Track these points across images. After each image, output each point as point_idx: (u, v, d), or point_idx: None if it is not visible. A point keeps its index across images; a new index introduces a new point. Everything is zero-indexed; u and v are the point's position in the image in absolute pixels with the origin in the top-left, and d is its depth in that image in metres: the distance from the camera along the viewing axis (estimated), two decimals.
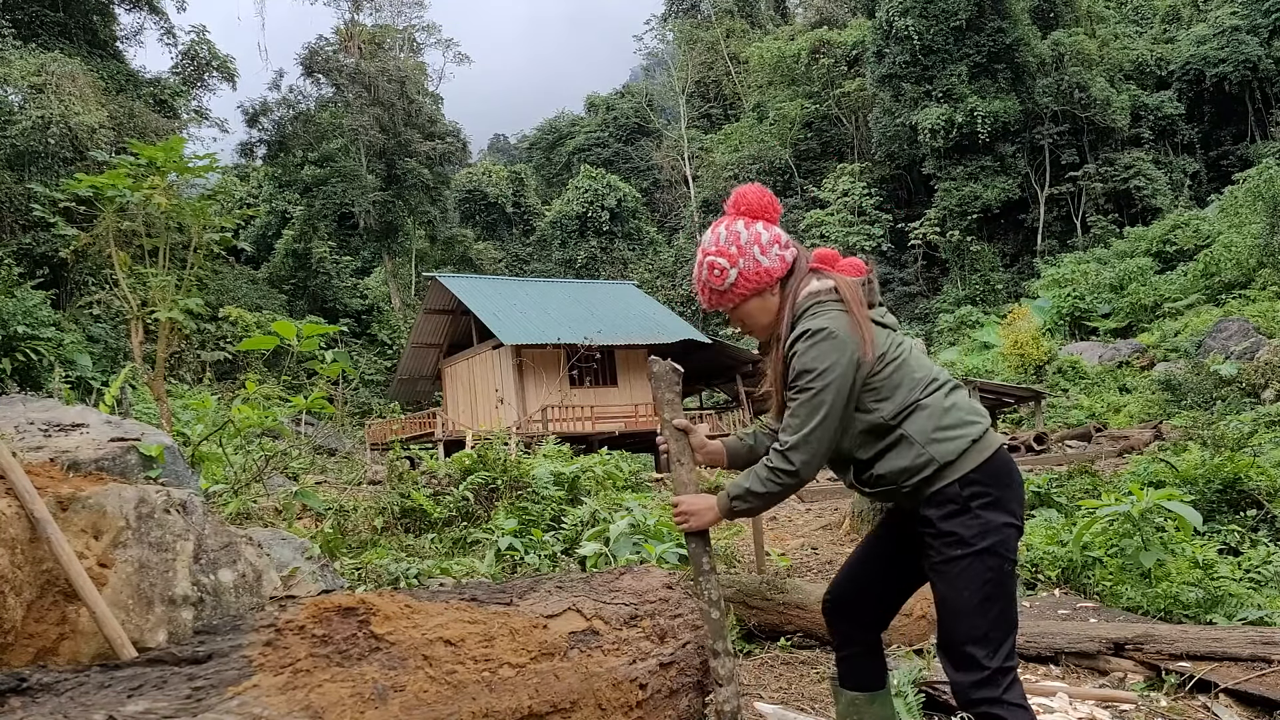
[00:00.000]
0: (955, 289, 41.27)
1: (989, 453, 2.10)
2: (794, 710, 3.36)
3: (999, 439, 2.16)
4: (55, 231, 6.70)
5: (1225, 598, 5.08)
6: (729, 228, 2.26)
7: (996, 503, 2.07)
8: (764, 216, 2.26)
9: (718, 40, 58.83)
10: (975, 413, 2.15)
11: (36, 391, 15.13)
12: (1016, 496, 2.10)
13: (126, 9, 33.37)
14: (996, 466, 2.09)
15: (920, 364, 2.18)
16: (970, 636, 2.05)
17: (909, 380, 2.14)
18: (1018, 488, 2.11)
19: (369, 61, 43.38)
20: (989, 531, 2.05)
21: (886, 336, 2.19)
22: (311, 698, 1.83)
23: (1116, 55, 42.99)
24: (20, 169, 23.29)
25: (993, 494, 2.07)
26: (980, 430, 2.12)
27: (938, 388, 2.15)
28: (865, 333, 2.12)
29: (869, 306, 2.22)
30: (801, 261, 2.26)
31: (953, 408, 2.13)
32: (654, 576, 2.81)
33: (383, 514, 7.08)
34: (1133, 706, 3.48)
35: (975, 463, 2.08)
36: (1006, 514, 2.07)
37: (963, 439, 2.09)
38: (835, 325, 2.11)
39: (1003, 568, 2.05)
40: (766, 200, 2.27)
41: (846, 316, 2.13)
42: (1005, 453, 2.14)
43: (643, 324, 27.91)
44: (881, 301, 2.30)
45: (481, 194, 53.31)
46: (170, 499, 2.48)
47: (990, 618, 2.05)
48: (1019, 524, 2.09)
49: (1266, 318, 24.85)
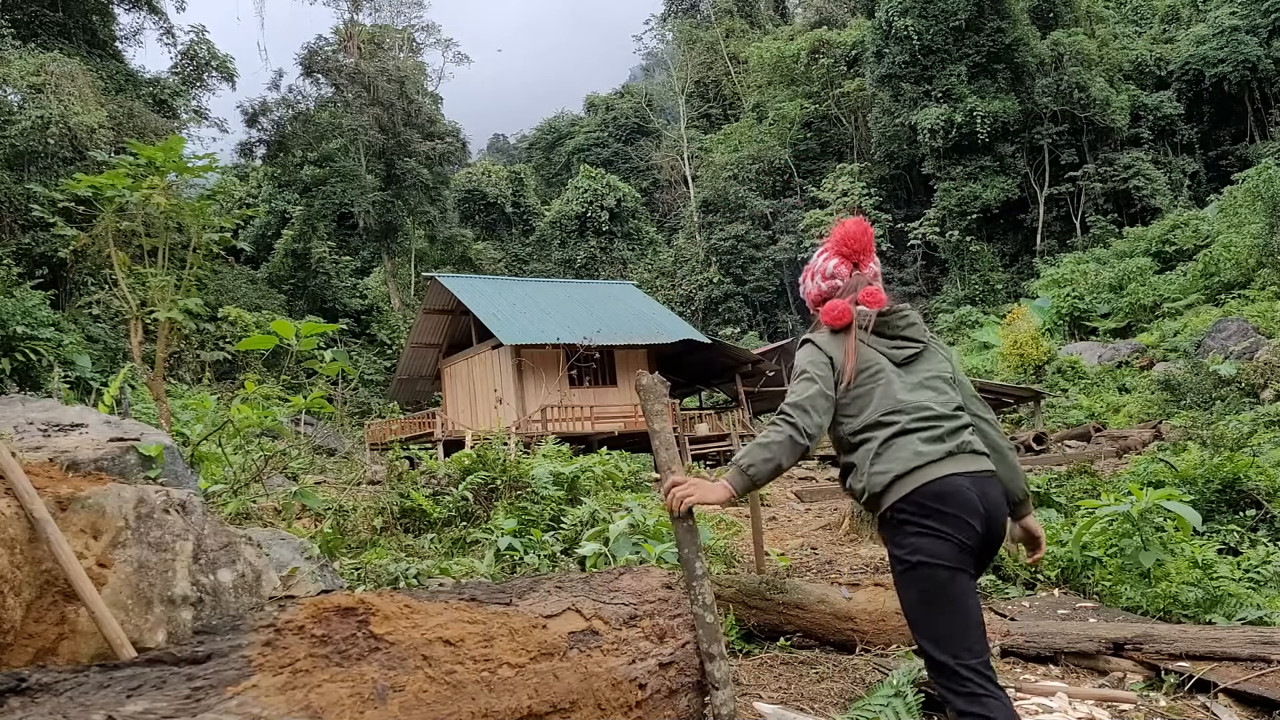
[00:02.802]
0: (955, 289, 41.28)
1: (916, 484, 2.34)
2: (793, 710, 3.36)
3: (936, 472, 2.35)
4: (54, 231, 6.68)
5: (1224, 598, 5.09)
6: (816, 254, 2.75)
7: (923, 526, 2.31)
8: (839, 252, 2.65)
9: (717, 40, 58.86)
10: (908, 460, 2.37)
11: (36, 391, 15.12)
12: (950, 518, 2.31)
13: (126, 9, 33.36)
14: (925, 495, 2.33)
15: (884, 403, 2.44)
16: (925, 635, 2.35)
17: (868, 412, 2.45)
18: (952, 510, 2.32)
19: (368, 61, 43.37)
20: (919, 550, 2.31)
21: (874, 368, 2.49)
22: (311, 698, 1.83)
23: (1116, 55, 42.99)
24: (20, 169, 23.28)
25: (917, 520, 2.32)
26: (904, 469, 2.36)
27: (886, 433, 2.41)
28: (848, 351, 2.49)
29: (882, 334, 2.54)
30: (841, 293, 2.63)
31: (886, 451, 2.40)
32: (653, 576, 2.81)
33: (382, 514, 7.08)
34: (1132, 706, 3.48)
35: (901, 494, 2.35)
36: (935, 535, 2.30)
37: (888, 475, 2.37)
38: (819, 339, 2.55)
39: (936, 578, 2.29)
40: (840, 235, 2.66)
41: (833, 337, 2.53)
42: (940, 482, 2.34)
43: (642, 324, 27.91)
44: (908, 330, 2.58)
45: (481, 194, 53.31)
46: (169, 499, 2.48)
47: (936, 620, 2.31)
48: (956, 539, 2.30)
49: (1266, 318, 24.85)
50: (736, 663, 3.95)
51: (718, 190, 49.55)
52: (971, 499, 2.33)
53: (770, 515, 10.01)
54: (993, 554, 2.46)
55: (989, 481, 2.43)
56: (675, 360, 26.42)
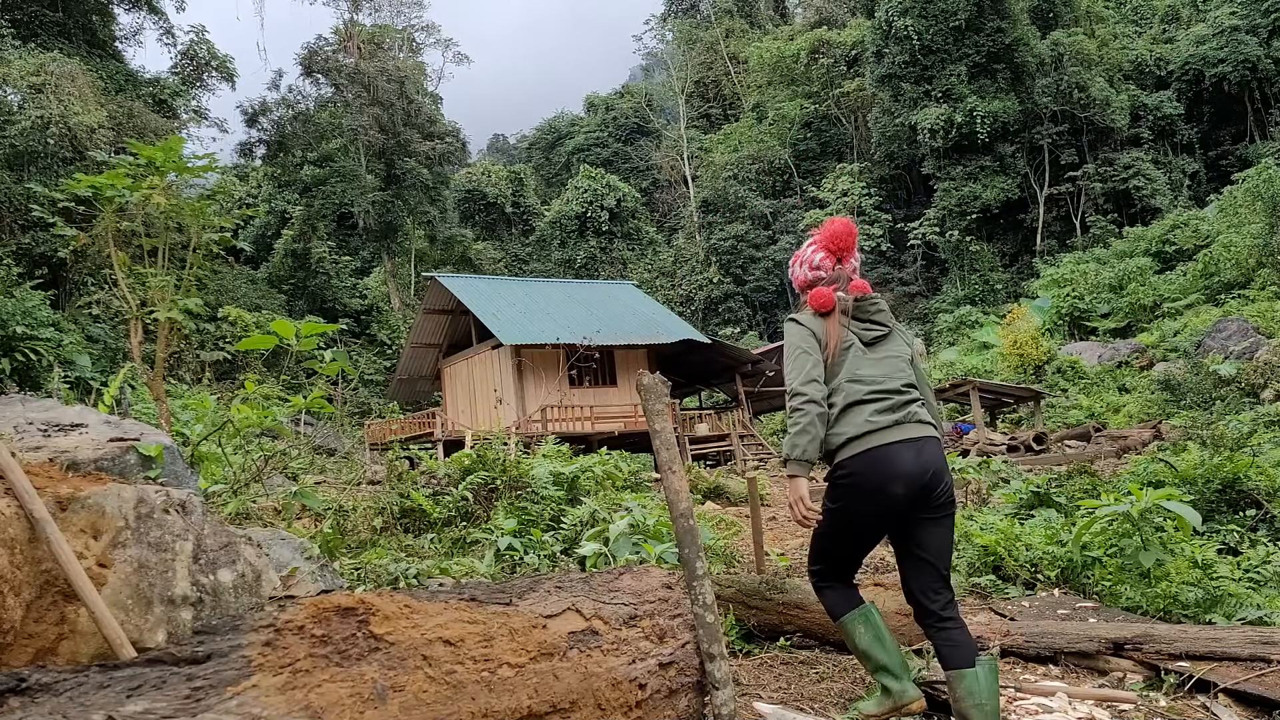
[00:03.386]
0: (955, 289, 41.26)
1: (863, 448, 2.84)
2: (793, 710, 3.36)
3: (880, 439, 2.85)
4: (54, 231, 6.67)
5: (1224, 597, 5.09)
6: (805, 244, 3.20)
7: (852, 484, 2.86)
8: (826, 247, 3.11)
9: (717, 40, 58.86)
10: (864, 423, 2.87)
11: (36, 391, 15.12)
12: (881, 485, 2.82)
13: (125, 9, 33.36)
14: (866, 459, 2.83)
15: (849, 374, 2.93)
16: (820, 548, 3.07)
17: (835, 380, 2.94)
18: (885, 479, 2.82)
19: (368, 61, 43.36)
20: (847, 504, 2.90)
21: (846, 344, 2.96)
22: (311, 698, 1.83)
23: (1116, 55, 42.98)
24: (19, 169, 23.27)
25: (853, 479, 2.86)
26: (856, 433, 2.86)
27: (846, 399, 2.91)
28: (829, 331, 2.97)
29: (856, 318, 3.00)
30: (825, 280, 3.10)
31: (844, 416, 2.90)
32: (653, 576, 2.81)
33: (382, 514, 7.08)
34: (1132, 706, 3.48)
35: (851, 453, 2.86)
36: (863, 496, 2.86)
37: (843, 436, 2.88)
38: (803, 318, 3.04)
39: (850, 526, 2.94)
40: (829, 233, 3.11)
41: (816, 318, 3.01)
42: (883, 449, 2.84)
43: (642, 324, 27.91)
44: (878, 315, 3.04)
45: (481, 194, 53.30)
46: (169, 499, 2.48)
47: (830, 550, 3.03)
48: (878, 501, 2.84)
49: (1265, 317, 24.84)
50: (736, 663, 3.95)
51: (718, 190, 49.55)
52: (907, 461, 2.82)
53: (770, 515, 10.00)
54: (933, 495, 2.89)
55: (929, 442, 2.90)
56: (675, 360, 26.42)
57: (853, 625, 2.96)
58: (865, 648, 2.95)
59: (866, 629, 2.95)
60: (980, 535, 6.47)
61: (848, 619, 2.98)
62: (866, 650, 2.95)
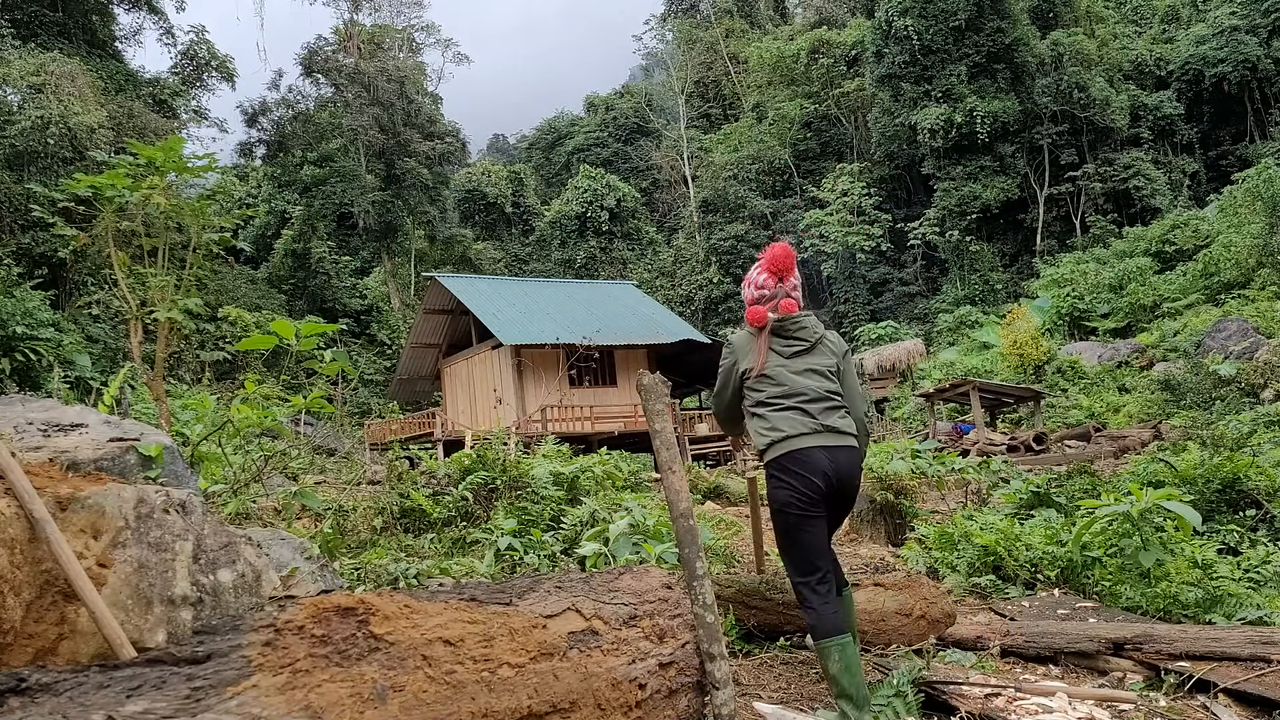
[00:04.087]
0: (954, 289, 41.25)
1: (786, 450, 3.22)
2: (793, 710, 3.36)
3: (800, 444, 3.22)
4: (54, 231, 6.67)
5: (1224, 597, 5.09)
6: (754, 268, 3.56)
7: (783, 481, 3.22)
8: (768, 269, 3.47)
9: (717, 40, 58.84)
10: (787, 427, 3.25)
11: (36, 391, 15.12)
12: (801, 477, 3.19)
13: (125, 9, 33.35)
14: (789, 459, 3.21)
15: (778, 385, 3.31)
16: (784, 556, 3.31)
17: (768, 390, 3.33)
18: (804, 472, 3.19)
19: (368, 61, 43.35)
20: (776, 499, 3.25)
21: (774, 360, 3.35)
22: (311, 698, 1.83)
23: (1115, 55, 42.97)
24: (19, 169, 23.26)
25: (780, 476, 3.23)
26: (780, 436, 3.24)
27: (774, 408, 3.29)
28: (759, 346, 3.38)
29: (780, 335, 3.39)
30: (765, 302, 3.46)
31: (773, 420, 3.28)
32: (653, 576, 2.81)
33: (382, 514, 7.07)
34: (1132, 706, 3.48)
35: (776, 454, 3.24)
36: (789, 489, 3.20)
37: (769, 438, 3.27)
38: (735, 338, 3.50)
39: (788, 519, 3.23)
40: (770, 256, 3.48)
41: (748, 335, 3.45)
42: (802, 451, 3.21)
43: (642, 324, 27.91)
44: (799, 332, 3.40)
45: (481, 194, 53.28)
46: (169, 499, 2.48)
47: (789, 549, 3.26)
48: (804, 493, 3.18)
49: (1265, 317, 24.84)
50: (736, 663, 3.95)
51: (717, 190, 49.53)
52: (822, 463, 3.20)
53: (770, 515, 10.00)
54: (847, 502, 3.37)
55: (844, 451, 3.25)
56: (675, 360, 26.42)
57: (828, 651, 3.13)
58: (835, 674, 3.13)
59: (841, 658, 3.13)
60: (980, 535, 6.47)
61: (825, 644, 3.15)
62: (836, 676, 3.13)
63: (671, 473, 2.49)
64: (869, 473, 8.97)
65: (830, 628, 3.14)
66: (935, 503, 9.87)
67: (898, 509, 8.34)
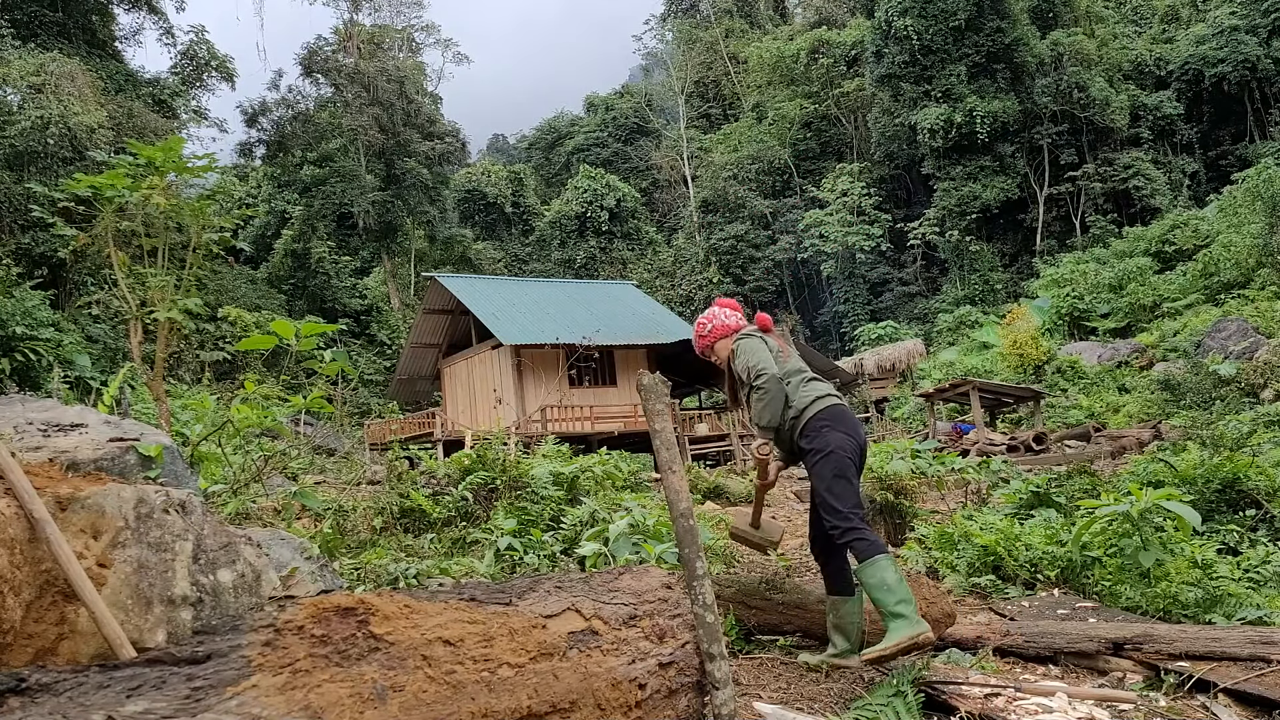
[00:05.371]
0: (954, 289, 41.25)
1: (831, 404, 3.81)
2: (793, 710, 3.36)
3: (836, 401, 3.84)
4: (54, 232, 6.67)
5: (1224, 597, 5.09)
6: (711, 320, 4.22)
7: (836, 429, 3.73)
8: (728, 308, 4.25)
9: (717, 40, 58.85)
10: (824, 389, 3.89)
11: (35, 391, 15.12)
12: (851, 425, 3.80)
13: (125, 9, 33.34)
14: (835, 412, 3.79)
15: (794, 364, 3.97)
16: (835, 497, 3.64)
17: (788, 367, 3.93)
18: (851, 423, 3.81)
19: (368, 61, 43.34)
20: (832, 443, 3.70)
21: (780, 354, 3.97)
22: (310, 698, 1.83)
23: (1115, 55, 42.97)
24: (19, 169, 23.25)
25: (832, 424, 3.74)
26: (822, 394, 3.84)
27: (803, 378, 3.91)
28: (779, 340, 4.04)
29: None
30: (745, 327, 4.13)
31: (806, 386, 3.87)
32: (653, 576, 2.81)
33: (382, 514, 7.08)
34: (1132, 706, 3.48)
35: (821, 407, 3.79)
36: (845, 434, 3.73)
37: (812, 396, 3.83)
38: (749, 339, 4.02)
39: (843, 462, 3.67)
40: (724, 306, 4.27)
41: (754, 340, 3.99)
42: (840, 406, 3.84)
43: (642, 324, 27.91)
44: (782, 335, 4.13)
45: (481, 194, 53.27)
46: (169, 499, 2.48)
47: (844, 491, 3.65)
48: (855, 439, 3.76)
49: (1265, 317, 24.84)
50: (736, 663, 3.95)
51: (717, 190, 49.54)
52: (856, 422, 3.86)
53: (770, 515, 10.00)
54: (864, 460, 3.88)
55: None
56: (675, 360, 26.41)
57: (887, 562, 3.51)
58: (892, 584, 3.46)
59: (898, 570, 3.56)
60: (980, 535, 6.47)
61: (883, 557, 3.52)
62: (893, 587, 3.46)
63: (671, 473, 2.49)
64: (869, 472, 8.97)
65: (884, 545, 3.62)
66: (935, 503, 9.87)
67: (897, 509, 8.34)
